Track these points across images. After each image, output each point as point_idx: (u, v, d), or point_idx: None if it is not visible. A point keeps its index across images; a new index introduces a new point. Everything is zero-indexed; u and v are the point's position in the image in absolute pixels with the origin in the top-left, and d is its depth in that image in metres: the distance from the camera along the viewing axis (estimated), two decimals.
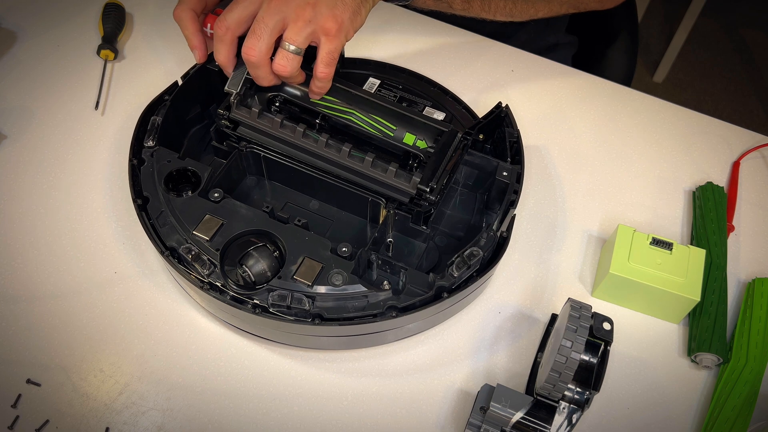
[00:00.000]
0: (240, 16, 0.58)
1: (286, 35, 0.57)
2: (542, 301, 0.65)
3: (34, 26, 0.83)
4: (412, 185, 0.59)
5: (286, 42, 0.57)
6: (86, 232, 0.67)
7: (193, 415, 0.58)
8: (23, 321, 0.62)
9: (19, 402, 0.58)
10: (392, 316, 0.55)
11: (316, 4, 0.57)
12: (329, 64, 0.59)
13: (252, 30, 0.57)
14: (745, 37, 2.05)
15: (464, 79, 0.80)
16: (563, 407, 0.53)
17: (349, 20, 0.58)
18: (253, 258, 0.57)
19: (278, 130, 0.62)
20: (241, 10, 0.58)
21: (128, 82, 0.79)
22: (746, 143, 0.77)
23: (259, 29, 0.57)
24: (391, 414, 0.59)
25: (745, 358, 0.60)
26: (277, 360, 0.61)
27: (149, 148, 0.63)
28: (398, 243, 0.64)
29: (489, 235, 0.58)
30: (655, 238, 0.62)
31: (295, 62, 0.58)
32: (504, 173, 0.63)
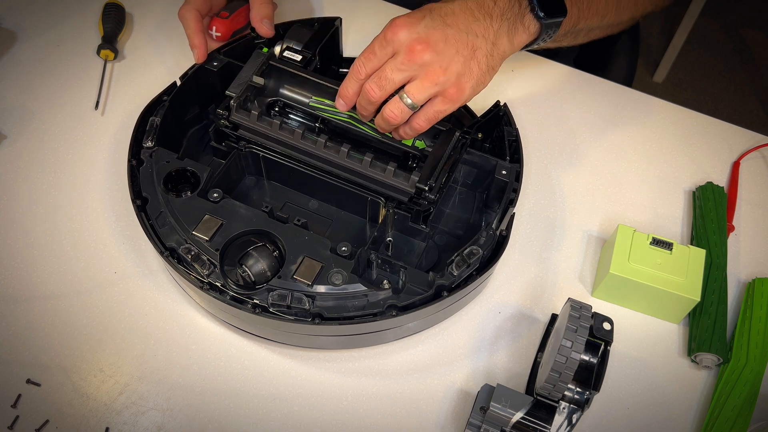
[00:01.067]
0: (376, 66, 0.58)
1: (408, 89, 0.57)
2: (542, 301, 0.65)
3: (34, 26, 0.83)
4: (410, 184, 0.59)
5: (406, 95, 0.57)
6: (86, 232, 0.67)
7: (193, 415, 0.58)
8: (23, 321, 0.62)
9: (19, 402, 0.58)
10: (392, 315, 0.55)
11: (448, 68, 0.57)
12: (431, 121, 0.59)
13: (379, 76, 0.57)
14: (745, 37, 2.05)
15: None
16: (563, 407, 0.53)
17: (472, 89, 0.59)
18: (253, 258, 0.57)
19: (277, 132, 0.62)
20: (377, 61, 0.58)
21: (128, 82, 0.79)
22: (746, 143, 0.77)
23: (385, 80, 0.57)
24: (391, 414, 0.59)
25: (745, 358, 0.60)
26: (277, 360, 0.61)
27: (148, 148, 0.63)
28: (398, 242, 0.64)
29: (488, 234, 0.58)
30: (655, 238, 0.62)
31: (406, 114, 0.58)
32: (503, 172, 0.63)
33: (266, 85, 0.64)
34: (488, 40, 0.58)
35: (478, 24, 0.58)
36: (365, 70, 0.58)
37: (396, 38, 0.56)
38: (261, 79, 0.63)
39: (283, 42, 0.70)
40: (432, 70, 0.56)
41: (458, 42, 0.57)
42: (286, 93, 0.66)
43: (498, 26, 0.59)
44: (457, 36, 0.57)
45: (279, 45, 0.70)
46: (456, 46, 0.57)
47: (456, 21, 0.57)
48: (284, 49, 0.68)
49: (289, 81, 0.65)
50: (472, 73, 0.58)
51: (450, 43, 0.57)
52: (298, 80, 0.65)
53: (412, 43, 0.56)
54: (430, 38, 0.56)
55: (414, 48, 0.56)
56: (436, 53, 0.56)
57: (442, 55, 0.56)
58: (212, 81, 0.68)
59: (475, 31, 0.58)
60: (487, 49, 0.58)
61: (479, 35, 0.58)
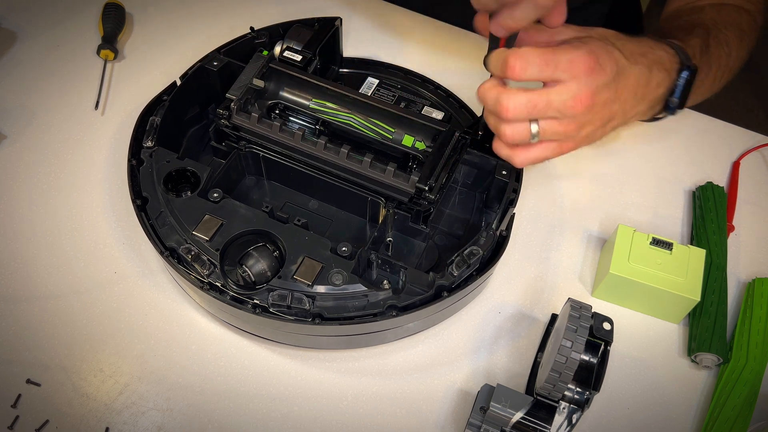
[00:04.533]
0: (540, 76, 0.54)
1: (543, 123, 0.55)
2: (542, 301, 0.65)
3: (34, 26, 0.83)
4: (410, 184, 0.59)
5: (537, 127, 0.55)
6: (86, 232, 0.67)
7: (193, 415, 0.58)
8: (23, 321, 0.62)
9: (19, 402, 0.58)
10: (392, 316, 0.55)
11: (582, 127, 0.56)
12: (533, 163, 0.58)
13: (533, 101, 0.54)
14: None
15: (464, 80, 0.80)
16: (563, 407, 0.53)
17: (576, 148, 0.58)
18: (253, 258, 0.57)
19: (278, 134, 0.62)
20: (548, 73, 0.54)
21: (128, 82, 0.79)
22: (746, 143, 0.77)
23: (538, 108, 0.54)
24: (391, 414, 0.59)
25: (745, 358, 0.60)
26: (277, 360, 0.61)
27: (148, 148, 0.63)
28: (398, 242, 0.64)
29: (488, 234, 0.58)
30: (655, 238, 0.62)
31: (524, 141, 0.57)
32: (503, 172, 0.63)
33: (266, 87, 0.65)
34: (626, 117, 0.58)
35: (632, 101, 0.57)
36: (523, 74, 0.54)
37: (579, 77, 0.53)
38: (261, 82, 0.63)
39: (283, 42, 0.70)
40: (574, 123, 0.55)
41: (609, 109, 0.56)
42: (286, 95, 0.66)
43: (641, 109, 0.59)
44: (611, 105, 0.56)
45: (279, 45, 0.70)
46: (604, 112, 0.56)
47: (624, 90, 0.56)
48: (284, 50, 0.68)
49: (290, 83, 0.65)
50: (593, 137, 0.58)
51: (605, 108, 0.56)
52: (299, 83, 0.65)
53: (585, 93, 0.54)
54: (598, 97, 0.54)
55: (582, 99, 0.54)
56: (587, 111, 0.55)
57: (591, 114, 0.55)
58: (212, 81, 0.68)
59: (627, 106, 0.57)
60: (619, 123, 0.59)
61: (625, 111, 0.58)
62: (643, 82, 0.57)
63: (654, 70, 0.58)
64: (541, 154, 0.58)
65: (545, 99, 0.54)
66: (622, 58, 0.56)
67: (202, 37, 0.82)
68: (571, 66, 0.53)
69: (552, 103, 0.54)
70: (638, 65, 0.57)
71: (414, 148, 0.62)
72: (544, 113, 0.55)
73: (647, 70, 0.57)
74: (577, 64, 0.53)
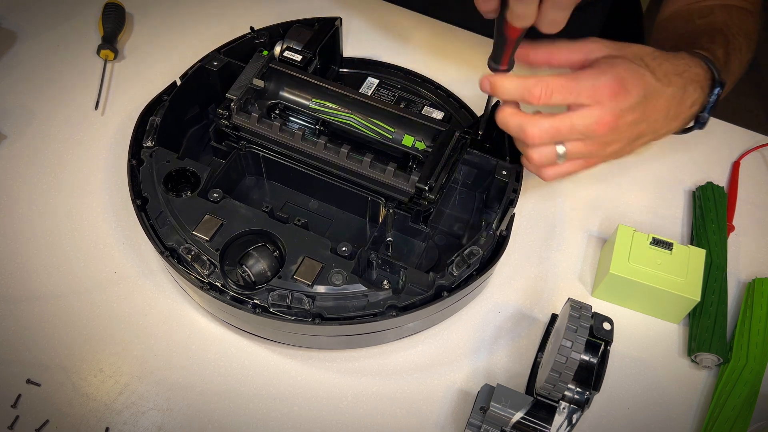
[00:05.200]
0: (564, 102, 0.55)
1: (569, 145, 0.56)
2: (542, 301, 0.65)
3: (34, 26, 0.83)
4: (410, 184, 0.59)
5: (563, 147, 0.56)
6: (86, 232, 0.67)
7: (193, 415, 0.58)
8: (23, 321, 0.62)
9: (19, 402, 0.58)
10: (392, 316, 0.55)
11: (608, 146, 0.56)
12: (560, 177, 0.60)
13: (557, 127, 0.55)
14: None
15: (464, 79, 0.80)
16: (563, 407, 0.53)
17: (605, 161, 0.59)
18: (253, 258, 0.57)
19: (278, 134, 0.62)
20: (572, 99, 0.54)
21: (128, 82, 0.79)
22: (746, 143, 0.77)
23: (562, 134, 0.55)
24: (391, 414, 0.59)
25: (745, 358, 0.60)
26: (277, 360, 0.61)
27: (148, 148, 0.63)
28: (398, 242, 0.64)
29: (488, 234, 0.58)
30: (655, 238, 0.62)
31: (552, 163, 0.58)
32: (503, 172, 0.63)
33: (266, 87, 0.65)
34: (657, 135, 0.58)
35: (665, 120, 0.57)
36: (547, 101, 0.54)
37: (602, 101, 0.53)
38: (261, 82, 0.63)
39: (283, 42, 0.70)
40: (599, 143, 0.56)
41: (636, 128, 0.56)
42: (286, 95, 0.66)
43: (673, 127, 0.59)
44: (638, 125, 0.56)
45: (279, 45, 0.70)
46: (631, 131, 0.56)
47: (654, 111, 0.56)
48: (284, 50, 0.68)
49: (290, 83, 0.65)
50: (621, 153, 0.58)
51: (630, 128, 0.56)
52: (299, 83, 0.65)
53: (609, 117, 0.54)
54: (623, 119, 0.54)
55: (606, 122, 0.54)
56: (613, 132, 0.55)
57: (617, 133, 0.55)
58: (212, 81, 0.68)
59: (657, 125, 0.57)
60: (645, 141, 0.59)
61: (655, 130, 0.58)
62: (676, 102, 0.57)
63: (689, 90, 0.57)
64: (568, 170, 0.59)
65: (568, 123, 0.54)
66: (653, 80, 0.55)
67: (202, 37, 0.82)
68: (595, 92, 0.53)
69: (575, 127, 0.54)
70: (672, 86, 0.56)
71: (414, 148, 0.62)
72: (567, 136, 0.55)
73: (681, 91, 0.57)
74: (600, 90, 0.53)
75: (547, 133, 0.55)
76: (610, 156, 0.58)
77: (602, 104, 0.54)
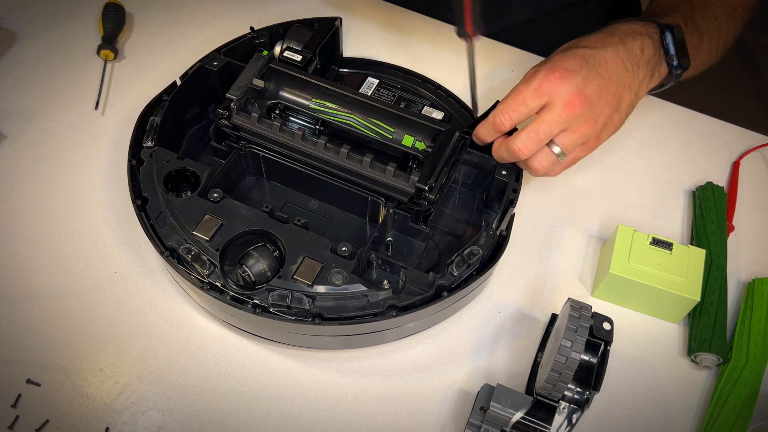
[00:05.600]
0: (525, 117, 0.58)
1: (560, 140, 0.58)
2: (542, 301, 0.65)
3: (34, 26, 0.83)
4: (410, 184, 0.59)
5: (557, 146, 0.58)
6: (86, 232, 0.67)
7: (193, 415, 0.58)
8: (23, 321, 0.62)
9: (19, 402, 0.58)
10: (392, 316, 0.55)
11: (597, 120, 0.58)
12: (567, 167, 0.61)
13: (534, 130, 0.57)
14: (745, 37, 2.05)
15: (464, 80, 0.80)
16: (563, 407, 0.53)
17: (607, 137, 0.61)
18: (253, 258, 0.57)
19: (278, 134, 0.62)
20: (527, 111, 0.58)
21: (128, 82, 0.79)
22: (746, 143, 0.77)
23: (541, 133, 0.57)
24: (391, 414, 0.59)
25: (745, 358, 0.60)
26: (277, 360, 0.61)
27: (148, 148, 0.63)
28: (397, 242, 0.64)
29: (488, 234, 0.58)
30: (655, 238, 0.62)
31: (554, 165, 0.60)
32: (503, 172, 0.63)
33: (266, 87, 0.65)
34: (633, 91, 0.60)
35: (627, 74, 0.59)
36: (512, 122, 0.58)
37: (555, 90, 0.56)
38: (261, 82, 0.63)
39: (283, 42, 0.70)
40: (584, 123, 0.57)
41: (608, 93, 0.58)
42: (286, 95, 0.66)
43: (642, 76, 0.60)
44: (608, 87, 0.58)
45: (279, 45, 0.70)
46: (606, 98, 0.58)
47: (609, 71, 0.58)
48: (284, 50, 0.68)
49: (289, 83, 0.65)
50: (613, 123, 0.60)
51: (602, 96, 0.58)
52: (298, 82, 0.65)
53: (571, 97, 0.56)
54: (586, 91, 0.57)
55: (572, 102, 0.56)
56: (590, 106, 0.57)
57: (594, 107, 0.57)
58: (212, 81, 0.68)
59: (624, 81, 0.59)
60: (630, 99, 0.60)
61: (626, 86, 0.59)
62: (623, 54, 0.59)
63: (628, 40, 0.60)
64: (573, 158, 0.61)
65: (542, 122, 0.57)
66: (586, 50, 0.58)
67: (202, 37, 0.82)
68: (542, 87, 0.57)
69: (551, 121, 0.57)
70: (608, 45, 0.59)
71: (414, 148, 0.62)
72: (551, 132, 0.57)
73: (621, 44, 0.59)
74: (545, 82, 0.56)
75: (531, 140, 0.58)
76: (607, 130, 0.60)
77: (556, 92, 0.56)
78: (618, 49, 0.59)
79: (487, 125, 0.60)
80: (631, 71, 0.59)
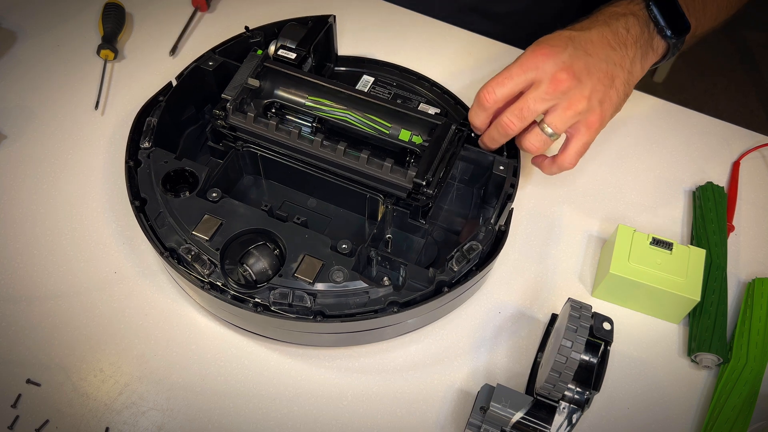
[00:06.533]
0: (511, 93, 0.59)
1: (549, 119, 0.58)
2: (542, 301, 0.65)
3: (34, 26, 0.83)
4: (408, 180, 0.59)
5: (547, 126, 0.58)
6: (86, 232, 0.67)
7: (193, 415, 0.58)
8: (23, 321, 0.62)
9: (19, 402, 0.58)
10: (393, 312, 0.55)
11: (590, 96, 0.58)
12: (581, 154, 0.61)
13: (519, 107, 0.58)
14: (745, 37, 2.05)
15: (459, 76, 0.80)
16: (563, 407, 0.53)
17: (610, 115, 0.60)
18: (254, 257, 0.57)
19: (274, 133, 0.62)
20: (512, 86, 0.58)
21: (128, 82, 0.79)
22: (746, 143, 0.77)
23: (527, 110, 0.58)
24: (391, 413, 0.59)
25: (745, 358, 0.60)
26: (277, 359, 0.61)
27: (145, 149, 0.63)
28: (397, 239, 0.64)
29: (488, 229, 0.58)
30: (655, 238, 0.62)
31: (547, 145, 0.60)
32: (500, 167, 0.63)
33: (262, 86, 0.65)
34: (624, 69, 0.60)
35: (615, 53, 0.59)
36: (495, 96, 0.58)
37: (540, 66, 0.57)
38: (256, 81, 0.63)
39: (278, 41, 0.70)
40: (575, 99, 0.57)
41: (599, 71, 0.58)
42: (281, 94, 0.66)
43: (633, 54, 0.60)
44: (598, 65, 0.58)
45: (273, 44, 0.70)
46: (597, 75, 0.58)
47: (596, 50, 0.58)
48: (278, 48, 0.68)
49: (285, 82, 0.65)
50: (611, 100, 0.59)
51: (592, 72, 0.58)
52: (294, 81, 0.65)
53: (557, 72, 0.56)
54: (573, 67, 0.57)
55: (558, 77, 0.56)
56: (579, 82, 0.57)
57: (584, 83, 0.57)
58: (208, 80, 0.68)
59: (614, 59, 0.59)
60: (624, 78, 0.60)
61: (617, 64, 0.59)
62: (609, 35, 0.59)
63: (611, 22, 0.60)
64: (578, 143, 0.60)
65: (526, 98, 0.57)
66: (571, 32, 0.59)
67: (203, 37, 0.82)
68: (526, 65, 0.57)
69: (536, 98, 0.57)
70: (593, 28, 0.60)
71: (411, 143, 0.62)
72: (536, 109, 0.57)
73: (605, 25, 0.60)
74: (529, 59, 0.57)
75: (515, 116, 0.58)
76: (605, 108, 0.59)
77: (541, 67, 0.57)
78: (603, 30, 0.59)
79: (475, 106, 0.61)
80: (619, 50, 0.59)
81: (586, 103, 0.58)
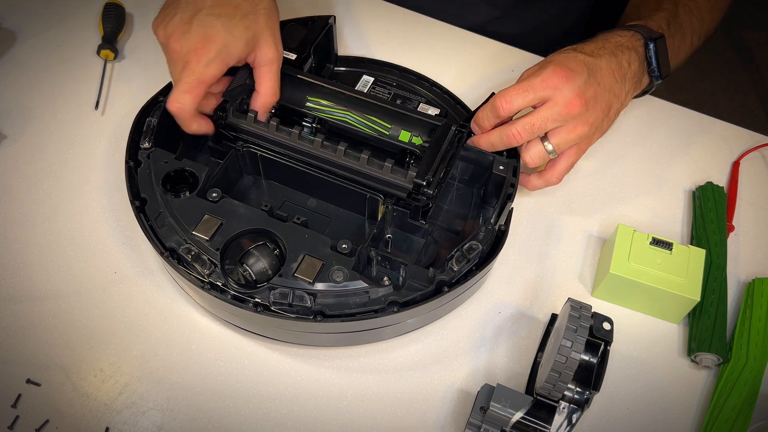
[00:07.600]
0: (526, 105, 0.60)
1: (553, 139, 0.61)
2: (542, 301, 0.65)
3: (34, 26, 0.83)
4: (408, 180, 0.59)
5: (550, 144, 0.61)
6: (86, 232, 0.67)
7: (193, 415, 0.58)
8: (23, 321, 0.62)
9: (19, 402, 0.58)
10: (394, 312, 0.55)
11: (590, 123, 0.61)
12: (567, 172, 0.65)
13: (531, 123, 0.60)
14: (745, 37, 2.05)
15: (459, 76, 0.80)
16: (563, 407, 0.53)
17: (596, 140, 0.64)
18: (254, 257, 0.57)
19: (274, 134, 0.62)
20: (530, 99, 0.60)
21: (128, 82, 0.79)
22: (746, 143, 0.77)
23: (537, 127, 0.60)
24: (391, 413, 0.59)
25: (745, 358, 0.60)
26: (277, 359, 0.61)
27: (145, 149, 0.63)
28: (397, 239, 0.64)
29: (488, 229, 0.58)
30: (655, 238, 0.62)
31: (544, 161, 0.62)
32: (500, 167, 0.63)
33: None
34: (620, 100, 0.63)
35: (617, 85, 0.62)
36: (512, 106, 0.60)
37: (560, 87, 0.59)
38: None
39: None
40: (579, 124, 0.60)
41: (603, 100, 0.61)
42: (282, 94, 0.65)
43: (628, 88, 0.64)
44: (603, 94, 0.61)
45: None
46: (600, 104, 0.61)
47: (604, 79, 0.61)
48: None
49: (285, 83, 0.65)
50: (602, 128, 0.63)
51: (598, 101, 0.61)
52: (294, 81, 0.65)
53: (573, 97, 0.59)
54: (586, 94, 0.59)
55: (573, 102, 0.59)
56: (587, 109, 0.60)
57: (590, 111, 0.60)
58: None
59: (614, 90, 0.62)
60: (617, 108, 0.63)
61: (616, 95, 0.62)
62: (615, 66, 0.62)
63: (618, 53, 0.63)
64: (567, 162, 0.63)
65: (540, 116, 0.60)
66: (585, 57, 0.61)
67: None
68: (547, 83, 0.59)
69: (549, 117, 0.59)
70: (603, 56, 0.62)
71: (411, 143, 0.62)
72: (544, 126, 0.60)
73: (612, 56, 0.62)
74: (550, 79, 0.59)
75: (525, 129, 0.60)
76: (595, 134, 0.63)
77: (560, 89, 0.59)
78: (611, 60, 0.62)
79: (487, 109, 0.61)
80: (620, 82, 0.63)
81: (587, 129, 0.61)
